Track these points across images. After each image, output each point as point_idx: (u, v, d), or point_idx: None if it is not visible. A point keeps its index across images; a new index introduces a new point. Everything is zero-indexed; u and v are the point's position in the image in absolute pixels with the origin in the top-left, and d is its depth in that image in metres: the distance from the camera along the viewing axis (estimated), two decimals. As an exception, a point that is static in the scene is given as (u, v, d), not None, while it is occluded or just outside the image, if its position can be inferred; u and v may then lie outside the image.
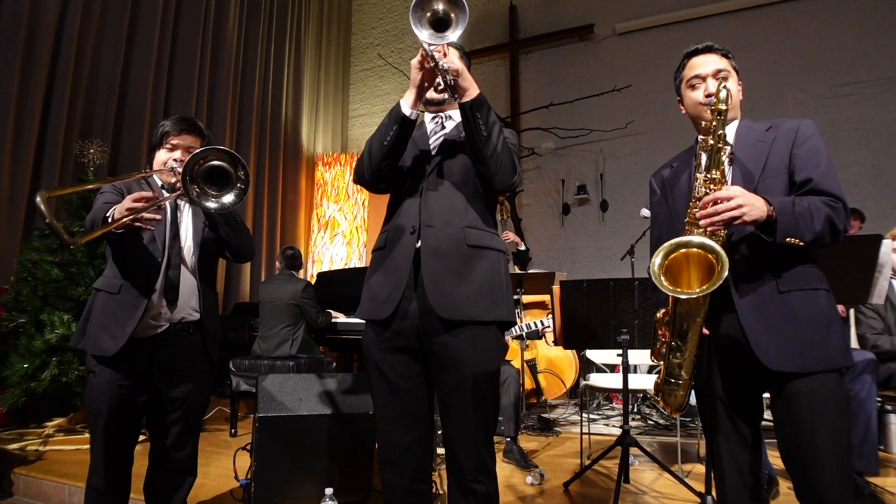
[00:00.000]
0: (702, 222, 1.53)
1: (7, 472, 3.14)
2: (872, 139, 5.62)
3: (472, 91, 1.65)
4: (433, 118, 1.93)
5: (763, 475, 1.72)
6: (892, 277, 3.14)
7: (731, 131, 1.70)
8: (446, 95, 1.82)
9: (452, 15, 1.55)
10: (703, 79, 1.71)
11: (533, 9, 7.48)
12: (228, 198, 1.87)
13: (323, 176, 7.84)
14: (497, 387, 1.78)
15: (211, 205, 1.86)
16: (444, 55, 1.63)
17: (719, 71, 1.70)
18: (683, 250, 1.54)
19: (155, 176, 2.15)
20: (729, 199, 1.49)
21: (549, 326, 4.20)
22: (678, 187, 1.77)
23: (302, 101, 8.01)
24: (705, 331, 1.60)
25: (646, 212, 3.44)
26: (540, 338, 4.46)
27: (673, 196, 1.79)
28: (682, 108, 1.83)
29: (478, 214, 1.76)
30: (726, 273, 1.43)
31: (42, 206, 1.67)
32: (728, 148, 1.61)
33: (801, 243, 1.48)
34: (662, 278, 1.52)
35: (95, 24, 5.19)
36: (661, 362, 1.66)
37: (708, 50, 1.74)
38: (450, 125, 1.89)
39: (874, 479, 2.96)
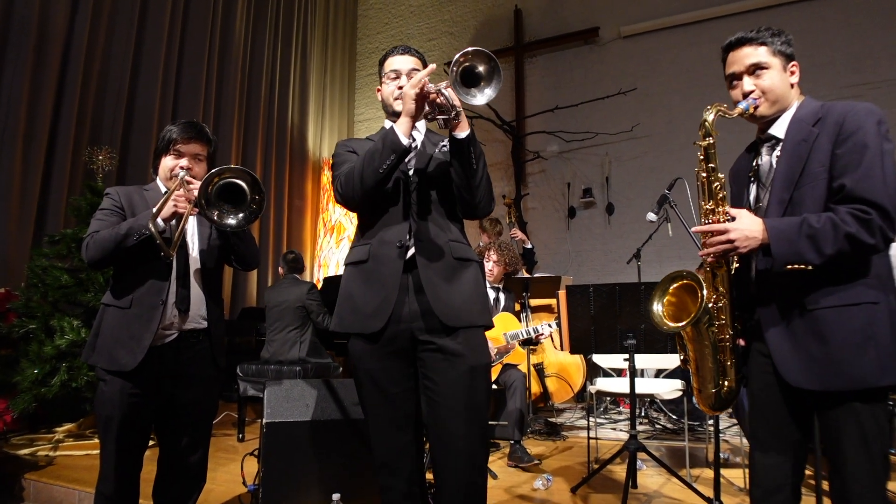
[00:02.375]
0: (700, 254, 1.61)
1: (18, 478, 3.16)
2: (880, 141, 5.59)
3: (465, 124, 1.69)
4: None
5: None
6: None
7: (782, 126, 1.61)
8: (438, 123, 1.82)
9: (484, 83, 1.58)
10: (739, 77, 1.64)
11: (538, 12, 7.49)
12: (233, 219, 1.93)
13: (329, 180, 7.86)
14: (489, 382, 1.83)
15: (230, 221, 1.92)
16: (448, 87, 1.64)
17: (754, 66, 1.61)
18: (674, 286, 1.71)
19: (160, 183, 2.16)
20: (721, 234, 1.53)
21: (543, 333, 4.20)
22: (735, 192, 1.78)
23: (308, 106, 8.05)
24: (741, 342, 1.66)
25: (652, 216, 3.44)
26: (536, 344, 4.43)
27: (734, 189, 1.79)
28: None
29: (458, 229, 1.86)
30: (703, 301, 1.56)
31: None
32: (723, 177, 1.63)
33: (809, 268, 1.45)
34: (665, 318, 1.70)
35: (104, 32, 5.24)
36: (691, 369, 1.75)
37: (740, 43, 1.65)
38: (419, 137, 1.91)
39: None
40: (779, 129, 1.62)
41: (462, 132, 1.68)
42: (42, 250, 4.02)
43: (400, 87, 1.84)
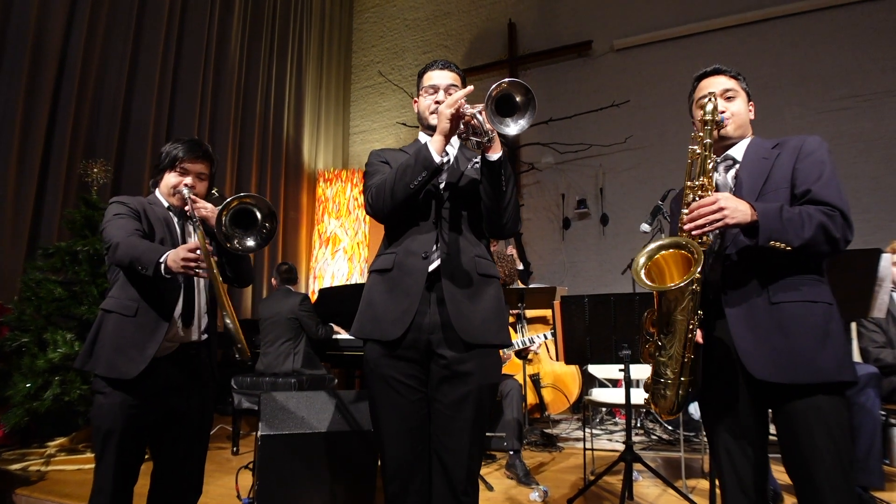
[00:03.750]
0: (686, 227, 1.59)
1: (9, 493, 3.13)
2: (871, 152, 5.65)
3: (498, 147, 1.71)
4: None
5: (768, 491, 1.72)
6: (892, 290, 3.15)
7: (740, 150, 1.75)
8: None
9: (518, 114, 1.60)
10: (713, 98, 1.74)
11: (531, 26, 7.56)
12: (252, 241, 1.94)
13: (324, 192, 7.87)
14: (494, 399, 1.83)
15: (250, 243, 1.95)
16: (482, 113, 1.65)
17: (727, 90, 1.76)
18: (663, 252, 1.62)
19: (160, 196, 2.17)
20: (711, 204, 1.54)
21: (538, 344, 4.21)
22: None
23: (303, 118, 8.08)
24: (699, 339, 1.65)
25: (645, 227, 3.46)
26: (526, 356, 4.44)
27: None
28: (694, 128, 1.85)
29: (484, 245, 1.88)
30: (700, 266, 1.49)
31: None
32: (721, 166, 1.69)
33: (789, 248, 1.50)
34: (643, 276, 1.61)
35: (99, 45, 5.25)
36: (651, 363, 1.71)
37: (716, 72, 1.81)
38: (452, 151, 1.93)
39: (879, 493, 2.94)
40: (737, 152, 1.76)
41: (494, 154, 1.70)
42: (36, 263, 4.01)
43: (437, 103, 1.86)
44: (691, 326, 1.60)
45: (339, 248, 7.60)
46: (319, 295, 5.86)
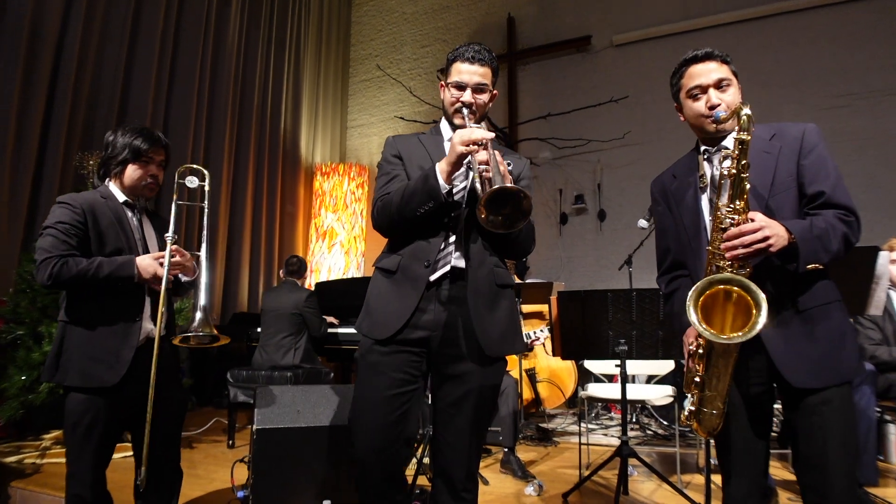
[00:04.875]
0: (728, 255, 1.49)
1: (4, 486, 3.12)
2: (867, 150, 5.66)
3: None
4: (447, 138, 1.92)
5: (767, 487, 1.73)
6: (889, 288, 3.16)
7: (732, 140, 1.61)
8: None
9: (510, 214, 1.55)
10: (705, 90, 1.66)
11: (531, 21, 7.54)
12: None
13: (321, 186, 7.85)
14: (496, 399, 1.84)
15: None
16: (500, 162, 1.63)
17: (721, 80, 1.65)
18: (721, 286, 1.50)
19: (114, 189, 2.14)
20: (755, 231, 1.45)
21: (538, 338, 4.21)
22: (684, 203, 1.74)
23: (301, 112, 8.05)
24: None
25: (643, 223, 3.46)
26: (530, 349, 4.47)
27: (679, 210, 1.76)
28: (680, 115, 1.80)
29: (498, 254, 1.85)
30: (764, 318, 1.39)
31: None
32: (726, 164, 1.55)
33: (821, 267, 1.49)
34: (702, 322, 1.48)
35: (97, 36, 5.22)
36: (695, 393, 1.63)
37: (707, 57, 1.68)
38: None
39: (873, 489, 2.95)
40: (731, 143, 1.62)
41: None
42: (31, 255, 3.98)
43: (462, 103, 1.80)
44: (735, 357, 1.53)
45: (336, 241, 7.58)
46: (316, 288, 5.85)
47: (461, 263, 1.75)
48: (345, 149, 8.81)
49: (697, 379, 1.61)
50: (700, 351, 1.59)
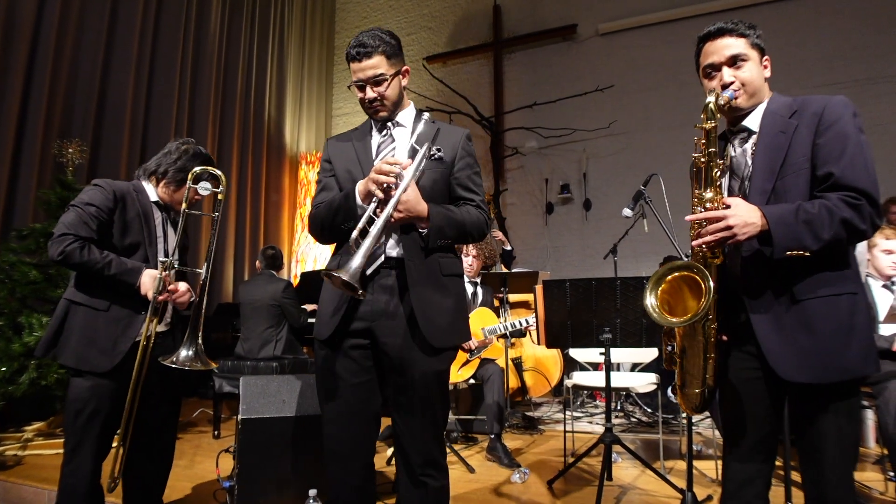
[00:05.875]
0: (693, 243, 1.52)
1: (-15, 478, 3.09)
2: (849, 139, 5.72)
3: (426, 223, 1.70)
4: (381, 130, 1.88)
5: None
6: (868, 276, 3.20)
7: (756, 119, 1.60)
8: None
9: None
10: (718, 68, 1.61)
11: (516, 9, 7.50)
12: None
13: (306, 175, 7.80)
14: (446, 386, 1.83)
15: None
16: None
17: (734, 57, 1.59)
18: (675, 273, 1.54)
19: (151, 190, 2.20)
20: (718, 220, 1.45)
21: (531, 325, 4.23)
22: None
23: (285, 100, 7.97)
24: (723, 337, 1.59)
25: (627, 212, 3.47)
26: (524, 335, 4.50)
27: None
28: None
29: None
30: (709, 299, 1.42)
31: None
32: (721, 163, 1.56)
33: (807, 254, 1.41)
34: (657, 308, 1.53)
35: (74, 22, 5.11)
36: (675, 369, 1.68)
37: (720, 33, 1.62)
38: (400, 134, 1.86)
39: (851, 473, 3.01)
40: (752, 122, 1.61)
41: (424, 228, 1.71)
42: (10, 245, 3.92)
43: (366, 100, 1.79)
44: (711, 332, 1.54)
45: (322, 231, 7.54)
46: (301, 279, 5.82)
47: (394, 253, 1.74)
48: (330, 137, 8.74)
49: (676, 358, 1.66)
50: (672, 333, 1.64)
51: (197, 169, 2.14)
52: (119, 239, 2.07)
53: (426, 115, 1.85)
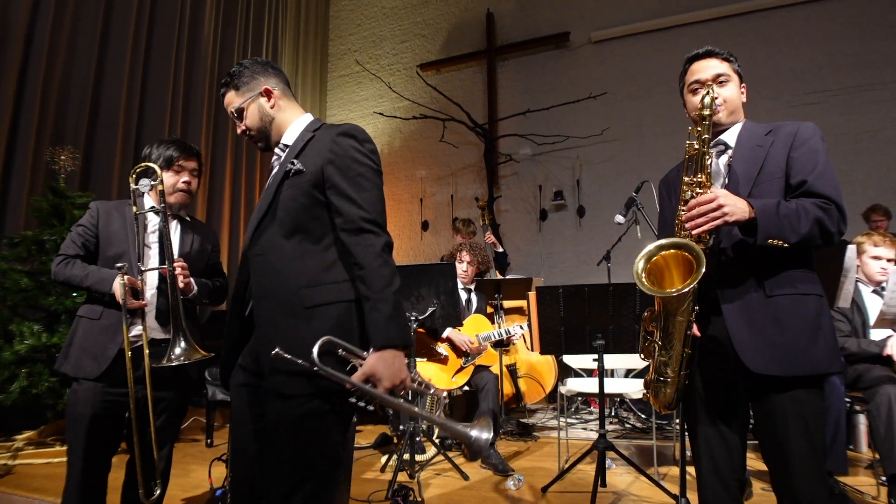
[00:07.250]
0: (687, 225, 1.57)
1: (-26, 488, 3.06)
2: (839, 146, 5.76)
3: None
4: (274, 157, 1.75)
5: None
6: (858, 281, 3.23)
7: (732, 135, 1.73)
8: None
9: None
10: (703, 84, 1.72)
11: (510, 16, 7.55)
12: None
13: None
14: (316, 431, 1.49)
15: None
16: None
17: (719, 76, 1.73)
18: (663, 252, 1.59)
19: (148, 197, 2.24)
20: (710, 202, 1.52)
21: (515, 335, 4.24)
22: (675, 191, 1.80)
23: (279, 107, 7.95)
24: (696, 332, 1.63)
25: (620, 218, 3.49)
26: (507, 346, 4.50)
27: (673, 200, 1.82)
28: (686, 112, 1.84)
29: (316, 266, 1.52)
30: (703, 270, 1.47)
31: None
32: (713, 151, 1.66)
33: (786, 245, 1.50)
34: (644, 279, 1.58)
35: (67, 29, 5.10)
36: (650, 360, 1.71)
37: (708, 55, 1.77)
38: (279, 153, 1.74)
39: (843, 478, 3.03)
40: (730, 137, 1.74)
41: None
42: (1, 253, 3.90)
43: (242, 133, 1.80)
44: (690, 323, 1.59)
45: (316, 238, 7.53)
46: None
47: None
48: (324, 144, 8.73)
49: (652, 347, 1.69)
50: (653, 316, 1.67)
51: (139, 167, 2.18)
52: (104, 250, 2.18)
53: (309, 125, 1.76)
